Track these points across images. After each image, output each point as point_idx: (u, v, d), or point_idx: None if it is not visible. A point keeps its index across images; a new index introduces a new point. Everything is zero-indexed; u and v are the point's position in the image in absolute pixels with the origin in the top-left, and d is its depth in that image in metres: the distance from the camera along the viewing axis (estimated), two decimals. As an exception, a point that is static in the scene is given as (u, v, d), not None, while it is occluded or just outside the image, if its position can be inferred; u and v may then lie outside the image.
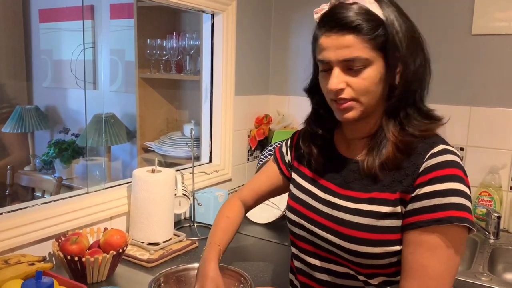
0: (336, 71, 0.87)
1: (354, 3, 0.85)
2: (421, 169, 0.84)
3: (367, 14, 0.84)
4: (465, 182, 0.83)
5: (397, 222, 0.86)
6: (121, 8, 2.49)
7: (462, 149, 1.80)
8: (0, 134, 2.74)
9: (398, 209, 0.86)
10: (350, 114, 0.90)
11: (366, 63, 0.85)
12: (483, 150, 1.77)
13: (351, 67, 0.86)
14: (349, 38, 0.84)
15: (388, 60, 0.86)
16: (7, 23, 2.90)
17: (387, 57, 0.86)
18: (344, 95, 0.88)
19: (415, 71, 0.88)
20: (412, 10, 0.98)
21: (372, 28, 0.84)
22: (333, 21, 0.86)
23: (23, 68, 2.96)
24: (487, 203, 1.73)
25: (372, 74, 0.86)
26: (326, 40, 0.87)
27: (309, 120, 1.04)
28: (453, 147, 0.89)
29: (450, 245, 0.81)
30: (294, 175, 1.08)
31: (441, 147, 0.86)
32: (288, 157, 1.14)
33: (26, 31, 2.94)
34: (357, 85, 0.87)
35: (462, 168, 0.84)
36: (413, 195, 0.84)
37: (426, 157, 0.85)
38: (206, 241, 1.11)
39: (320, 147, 1.02)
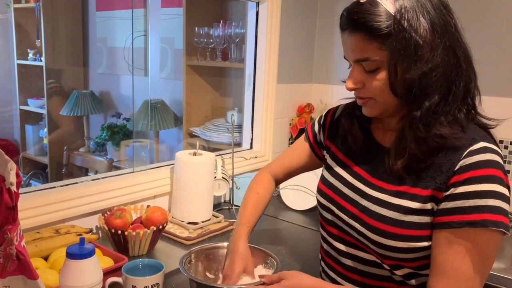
0: (354, 70, 0.87)
1: (369, 0, 0.80)
2: (457, 167, 0.80)
3: (379, 12, 0.79)
4: (504, 182, 0.78)
5: (425, 219, 0.83)
6: (172, -3, 2.57)
7: (512, 143, 1.73)
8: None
9: (428, 206, 0.83)
10: (370, 111, 0.91)
11: (379, 64, 0.82)
12: (534, 145, 1.70)
13: (365, 67, 0.84)
14: (359, 39, 0.82)
15: (395, 60, 0.80)
16: (68, 12, 3.07)
17: (394, 56, 0.80)
18: (361, 94, 0.88)
19: (436, 70, 0.80)
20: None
21: (383, 28, 0.79)
22: (345, 21, 0.84)
23: (81, 55, 3.13)
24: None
25: (386, 75, 0.82)
26: (342, 39, 0.86)
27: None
28: (496, 143, 0.83)
29: (483, 249, 0.78)
30: (326, 156, 1.08)
31: (481, 144, 0.80)
32: (320, 137, 1.13)
33: (84, 19, 3.11)
34: (371, 86, 0.85)
35: (502, 168, 0.79)
36: (447, 193, 0.80)
37: (464, 155, 0.80)
38: (236, 218, 1.15)
39: (360, 125, 0.99)
